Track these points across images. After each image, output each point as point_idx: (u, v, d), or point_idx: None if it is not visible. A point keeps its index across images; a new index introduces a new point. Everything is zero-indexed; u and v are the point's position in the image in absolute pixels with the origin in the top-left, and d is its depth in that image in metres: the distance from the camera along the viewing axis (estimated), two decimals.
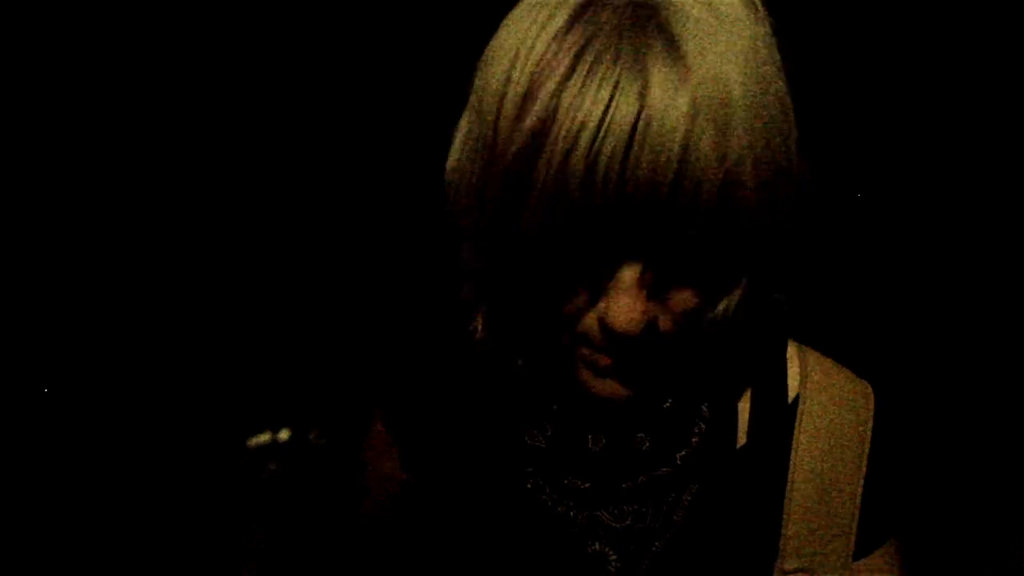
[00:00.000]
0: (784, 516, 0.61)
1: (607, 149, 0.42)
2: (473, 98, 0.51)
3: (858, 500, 0.63)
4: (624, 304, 0.48)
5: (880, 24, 1.72)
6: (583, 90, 0.42)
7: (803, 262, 0.57)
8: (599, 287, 0.50)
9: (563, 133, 0.42)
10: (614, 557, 0.59)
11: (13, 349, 1.56)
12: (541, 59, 0.44)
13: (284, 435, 0.65)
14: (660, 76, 0.42)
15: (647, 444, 0.60)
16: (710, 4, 0.46)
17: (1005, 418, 1.78)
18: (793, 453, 0.63)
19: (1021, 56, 1.73)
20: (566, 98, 0.43)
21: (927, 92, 1.78)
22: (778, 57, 0.49)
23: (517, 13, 0.49)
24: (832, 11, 1.64)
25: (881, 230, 1.79)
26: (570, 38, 0.44)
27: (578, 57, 0.43)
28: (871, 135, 1.74)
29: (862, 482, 0.63)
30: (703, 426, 0.62)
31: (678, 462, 0.61)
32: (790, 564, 0.60)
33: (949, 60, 1.75)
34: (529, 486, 0.62)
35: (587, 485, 0.60)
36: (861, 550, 0.64)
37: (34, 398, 1.56)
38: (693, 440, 0.61)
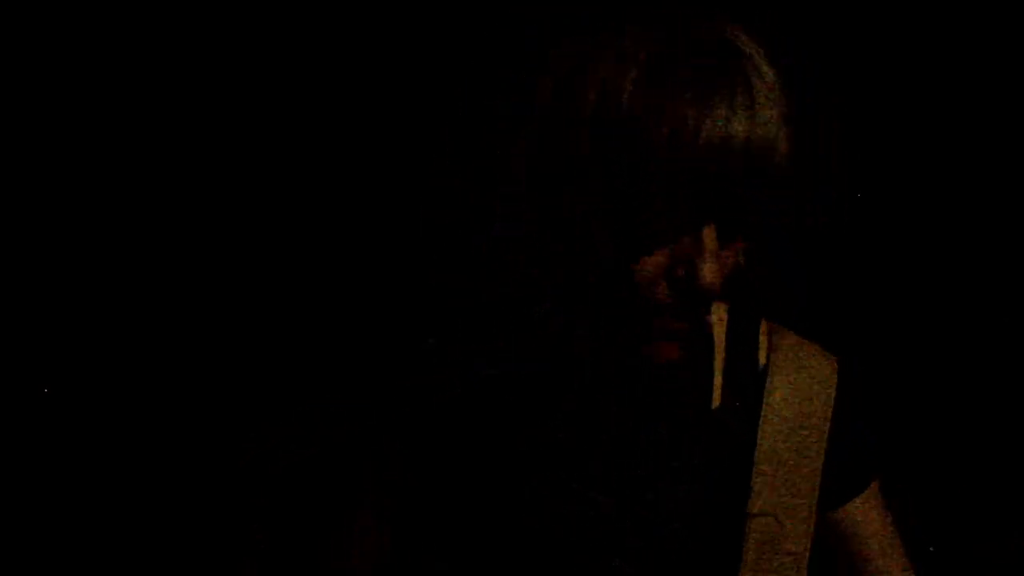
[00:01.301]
0: (753, 468, 0.72)
1: (735, 146, 0.55)
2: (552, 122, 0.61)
3: (820, 459, 0.74)
4: (712, 264, 0.57)
5: (871, 24, 1.73)
6: (709, 111, 0.55)
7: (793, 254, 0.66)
8: (681, 254, 0.59)
9: (706, 138, 0.54)
10: (611, 502, 0.71)
11: (13, 349, 1.56)
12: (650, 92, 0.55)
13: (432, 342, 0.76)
14: (763, 98, 0.57)
15: (635, 415, 0.72)
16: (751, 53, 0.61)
17: (1005, 418, 1.78)
18: (762, 413, 0.74)
19: (1020, 56, 1.73)
20: (707, 118, 0.55)
21: (894, 91, 1.78)
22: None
23: (593, 54, 0.59)
24: (830, 12, 1.64)
25: (863, 224, 1.80)
26: (672, 77, 0.55)
27: (699, 90, 0.55)
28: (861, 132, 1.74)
29: (824, 443, 0.74)
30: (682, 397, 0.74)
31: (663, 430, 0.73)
32: (757, 508, 0.72)
33: (934, 60, 1.76)
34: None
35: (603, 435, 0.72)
36: (825, 504, 0.76)
37: (34, 398, 1.56)
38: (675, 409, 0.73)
